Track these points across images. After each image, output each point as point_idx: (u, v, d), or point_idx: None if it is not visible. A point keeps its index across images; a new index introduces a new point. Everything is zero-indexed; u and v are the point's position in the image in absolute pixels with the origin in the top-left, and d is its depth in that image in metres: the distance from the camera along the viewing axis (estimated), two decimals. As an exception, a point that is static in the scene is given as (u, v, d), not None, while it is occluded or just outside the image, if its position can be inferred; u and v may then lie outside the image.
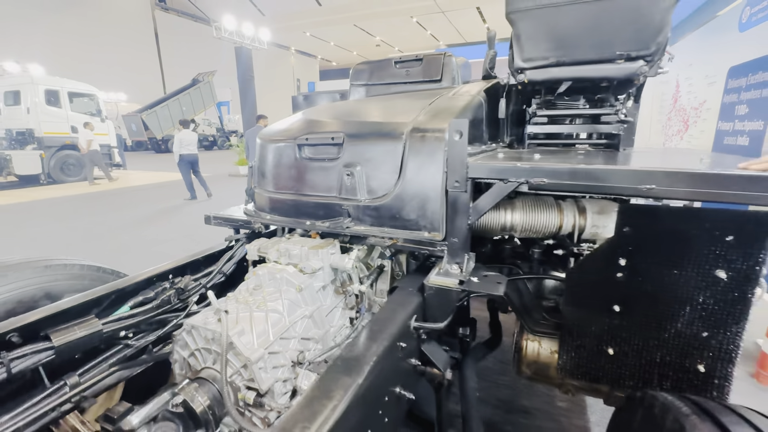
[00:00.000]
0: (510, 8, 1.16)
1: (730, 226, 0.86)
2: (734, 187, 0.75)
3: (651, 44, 1.07)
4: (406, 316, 0.84)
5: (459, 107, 1.06)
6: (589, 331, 1.08)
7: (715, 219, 0.87)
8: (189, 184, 7.14)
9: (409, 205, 1.00)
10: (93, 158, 9.48)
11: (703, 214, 0.86)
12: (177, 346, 0.90)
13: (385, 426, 0.71)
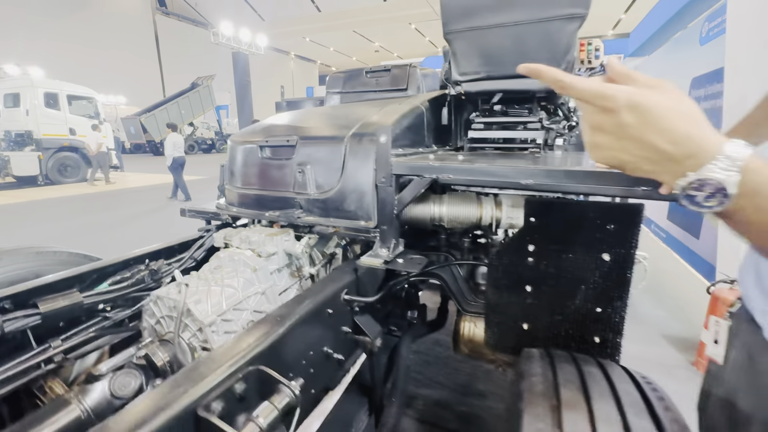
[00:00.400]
0: (446, 29, 1.34)
1: (610, 216, 1.03)
2: (589, 181, 0.92)
3: (562, 62, 1.24)
4: (337, 289, 1.01)
5: (397, 116, 1.23)
6: (507, 309, 1.24)
7: (599, 210, 1.03)
8: (183, 186, 7.37)
9: (349, 198, 1.17)
10: (100, 160, 9.80)
11: (589, 206, 1.02)
12: (145, 315, 1.06)
13: (310, 375, 0.87)
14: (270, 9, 22.68)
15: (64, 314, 1.07)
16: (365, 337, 1.09)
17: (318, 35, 26.53)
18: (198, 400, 0.58)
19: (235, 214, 1.41)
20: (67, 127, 10.20)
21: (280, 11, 22.50)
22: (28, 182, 9.74)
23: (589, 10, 1.17)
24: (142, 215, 6.51)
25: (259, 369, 0.68)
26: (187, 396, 0.58)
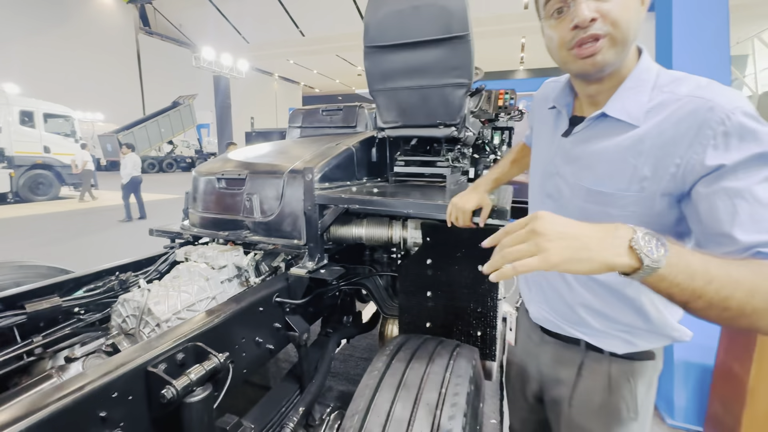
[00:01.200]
0: (370, 88, 1.69)
1: (479, 236, 1.36)
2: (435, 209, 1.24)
3: (456, 117, 1.60)
4: (270, 293, 1.29)
5: (328, 157, 1.56)
6: (414, 310, 1.55)
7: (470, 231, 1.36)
8: (129, 206, 7.51)
9: (286, 221, 1.47)
10: (84, 177, 9.92)
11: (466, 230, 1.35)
12: (114, 314, 1.32)
13: (240, 356, 1.15)
14: (254, 32, 23.26)
15: (46, 315, 1.31)
16: (294, 333, 1.37)
17: (302, 58, 27.25)
18: (148, 361, 0.86)
19: (195, 234, 1.68)
20: (42, 145, 10.18)
21: (265, 34, 23.12)
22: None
23: (472, 80, 1.54)
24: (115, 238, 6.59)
25: (196, 344, 0.95)
26: (140, 358, 0.85)
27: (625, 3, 0.63)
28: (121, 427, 0.79)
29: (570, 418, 0.87)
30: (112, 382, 0.79)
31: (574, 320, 0.83)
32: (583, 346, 0.85)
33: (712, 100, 0.61)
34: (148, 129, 19.59)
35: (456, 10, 1.42)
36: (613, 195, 0.71)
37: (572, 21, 0.64)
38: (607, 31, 0.64)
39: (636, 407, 0.82)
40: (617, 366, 0.82)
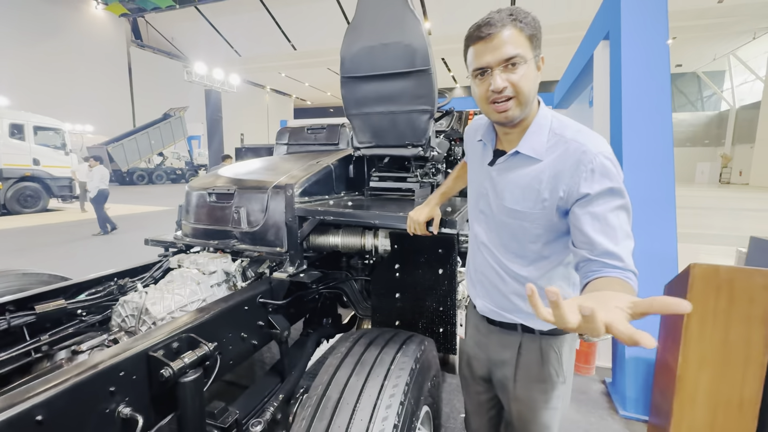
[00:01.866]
0: (346, 112, 1.90)
1: (438, 244, 1.56)
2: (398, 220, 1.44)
3: (422, 138, 1.82)
4: (254, 294, 1.47)
5: (308, 174, 1.75)
6: (385, 310, 1.73)
7: (433, 240, 1.56)
8: (106, 218, 7.44)
9: (269, 231, 1.65)
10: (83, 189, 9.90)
11: (426, 238, 1.54)
12: (114, 315, 1.48)
13: (228, 350, 1.32)
14: (246, 45, 23.63)
15: (52, 316, 1.46)
16: (276, 330, 1.55)
17: (293, 71, 27.66)
18: (149, 347, 1.03)
19: (188, 243, 1.86)
20: (31, 158, 10.20)
21: (257, 48, 23.48)
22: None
23: (434, 108, 1.76)
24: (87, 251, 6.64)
25: (189, 335, 1.13)
26: (143, 345, 1.02)
27: (526, 74, 0.86)
28: (126, 401, 0.96)
29: (516, 391, 1.06)
30: (120, 363, 0.96)
31: (510, 308, 1.03)
32: (519, 330, 1.04)
33: (585, 145, 0.85)
34: (138, 141, 19.61)
35: (419, 47, 1.65)
36: (524, 212, 0.93)
37: (490, 86, 0.86)
38: (513, 94, 0.86)
39: (563, 372, 1.02)
40: (545, 341, 1.02)
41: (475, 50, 0.88)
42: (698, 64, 26.92)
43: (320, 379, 0.99)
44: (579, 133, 0.89)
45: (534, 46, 0.87)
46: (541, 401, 1.03)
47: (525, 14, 0.86)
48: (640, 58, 2.50)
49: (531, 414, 1.04)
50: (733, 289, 1.56)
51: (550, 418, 1.04)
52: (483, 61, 0.86)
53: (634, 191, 2.32)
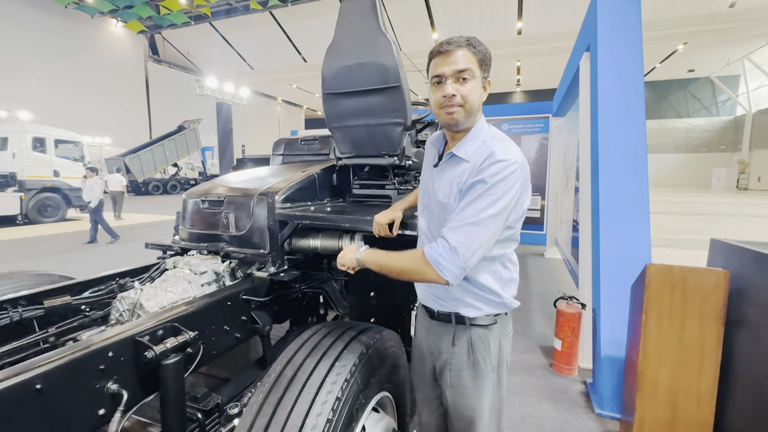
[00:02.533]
0: (328, 126, 2.06)
1: (408, 246, 1.68)
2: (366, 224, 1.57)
3: (397, 149, 1.96)
4: (237, 291, 1.62)
5: (292, 182, 1.91)
6: (362, 308, 1.86)
7: (401, 241, 1.68)
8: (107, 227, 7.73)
9: (254, 235, 1.81)
10: (118, 198, 10.56)
11: (396, 239, 1.67)
12: (113, 309, 1.64)
13: (211, 341, 1.46)
14: (259, 59, 24.34)
15: (58, 311, 1.63)
16: (258, 325, 1.69)
17: (304, 83, 28.30)
18: (137, 333, 1.18)
19: (183, 246, 2.02)
20: (52, 169, 10.70)
21: (268, 61, 24.16)
22: (6, 222, 10.04)
23: (407, 120, 1.90)
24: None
25: (173, 324, 1.28)
26: (131, 331, 1.17)
27: (473, 89, 1.05)
28: (114, 378, 1.11)
29: (450, 379, 1.16)
30: (110, 345, 1.11)
31: (444, 295, 1.15)
32: (454, 322, 1.16)
33: (494, 150, 1.02)
34: (153, 152, 20.29)
35: (391, 66, 1.80)
36: (448, 204, 1.09)
37: (443, 93, 1.04)
38: (461, 103, 1.04)
39: (491, 360, 1.13)
40: (474, 331, 1.13)
41: (434, 62, 1.07)
42: (711, 69, 26.55)
43: (281, 359, 1.13)
44: (500, 143, 1.05)
45: (483, 69, 1.06)
46: (471, 387, 1.13)
47: (479, 42, 1.06)
48: (615, 69, 2.62)
49: (463, 399, 1.14)
50: (686, 288, 1.65)
51: (480, 403, 1.13)
52: (440, 70, 1.04)
53: (609, 196, 2.42)
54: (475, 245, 0.97)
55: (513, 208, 1.04)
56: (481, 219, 0.97)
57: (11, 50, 17.62)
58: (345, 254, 1.21)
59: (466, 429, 1.15)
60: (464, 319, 1.13)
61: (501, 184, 0.98)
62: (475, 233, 0.97)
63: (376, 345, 1.24)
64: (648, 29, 17.57)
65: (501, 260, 1.12)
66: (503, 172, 0.98)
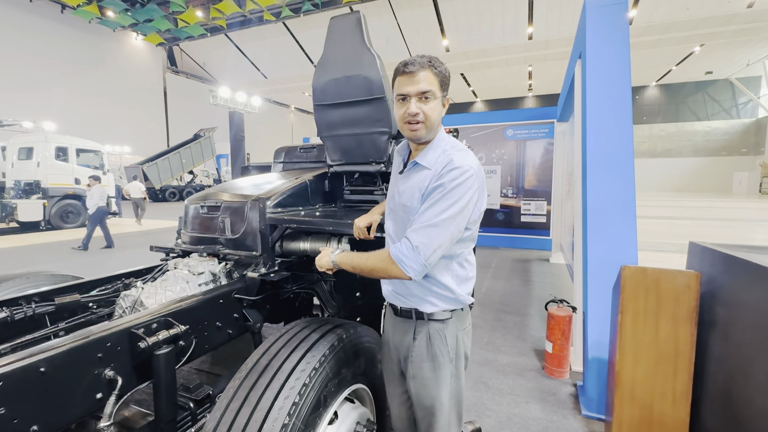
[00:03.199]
0: (319, 135, 2.18)
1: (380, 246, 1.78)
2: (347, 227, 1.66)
3: (383, 156, 2.06)
4: (230, 290, 1.74)
5: (284, 189, 2.03)
6: (348, 308, 1.96)
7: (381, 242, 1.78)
8: (107, 234, 7.98)
9: (248, 237, 1.93)
10: (140, 204, 11.23)
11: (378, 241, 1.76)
12: (117, 307, 1.78)
13: (204, 336, 1.58)
14: (272, 68, 24.89)
15: (68, 307, 1.78)
16: (249, 323, 1.81)
17: (315, 91, 28.80)
18: (132, 326, 1.30)
19: (184, 249, 2.16)
20: (73, 177, 11.17)
21: (281, 70, 24.69)
22: (30, 227, 10.52)
23: (392, 129, 2.00)
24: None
25: (166, 318, 1.40)
26: (127, 323, 1.30)
27: (434, 107, 1.14)
28: (111, 366, 1.23)
29: (412, 370, 1.24)
30: (107, 335, 1.23)
31: (405, 292, 1.24)
32: (414, 317, 1.24)
33: (452, 158, 1.11)
34: (170, 160, 20.90)
35: (375, 79, 1.91)
36: (410, 207, 1.18)
37: (408, 110, 1.13)
38: (423, 120, 1.13)
39: (449, 352, 1.21)
40: (432, 325, 1.21)
41: (399, 80, 1.15)
42: (731, 71, 25.92)
43: (258, 350, 1.23)
44: (458, 152, 1.15)
45: (442, 89, 1.16)
46: (431, 378, 1.21)
47: (440, 63, 1.15)
48: (603, 77, 2.67)
49: (424, 390, 1.22)
50: (660, 289, 1.69)
51: (440, 393, 1.21)
52: (404, 90, 1.13)
53: (596, 200, 2.47)
54: (435, 245, 1.06)
55: (471, 211, 1.13)
56: (439, 221, 1.06)
57: (38, 64, 18.52)
58: (322, 257, 1.31)
59: (427, 417, 1.23)
60: (423, 314, 1.22)
61: (458, 188, 1.07)
62: (435, 234, 1.06)
63: (350, 339, 1.33)
64: (663, 32, 17.36)
65: (458, 259, 1.20)
66: (460, 177, 1.08)
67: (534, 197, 7.38)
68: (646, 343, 1.73)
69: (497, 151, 7.60)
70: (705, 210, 14.42)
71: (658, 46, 19.22)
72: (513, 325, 3.71)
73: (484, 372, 2.79)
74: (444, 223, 1.06)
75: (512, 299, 4.52)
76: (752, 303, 1.34)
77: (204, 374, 2.47)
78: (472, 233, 1.21)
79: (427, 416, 1.23)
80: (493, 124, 7.62)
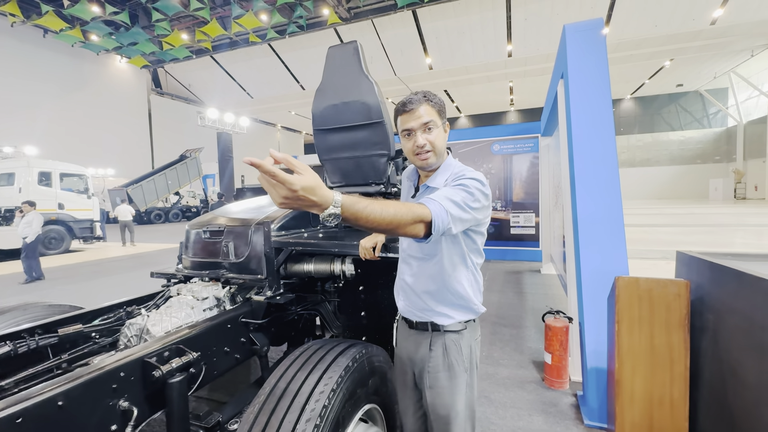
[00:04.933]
0: (319, 158, 2.24)
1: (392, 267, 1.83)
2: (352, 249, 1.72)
3: (383, 177, 2.13)
4: (237, 314, 1.75)
5: (286, 211, 2.07)
6: (353, 328, 1.98)
7: (386, 263, 1.83)
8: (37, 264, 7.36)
9: (252, 261, 1.95)
10: (129, 227, 11.29)
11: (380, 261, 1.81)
12: (122, 336, 1.77)
13: (213, 362, 1.58)
14: (258, 88, 25.06)
15: (71, 338, 1.76)
16: (256, 346, 1.82)
17: (302, 109, 29.03)
18: (145, 354, 1.31)
19: (186, 274, 2.17)
20: (57, 202, 10.94)
21: (268, 90, 24.88)
22: (11, 255, 10.19)
23: (391, 151, 2.08)
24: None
25: (179, 346, 1.41)
26: (140, 353, 1.30)
27: (438, 135, 1.26)
28: (125, 396, 1.23)
29: (429, 380, 1.29)
30: (121, 366, 1.24)
31: (422, 306, 1.30)
32: (430, 329, 1.30)
33: (464, 170, 1.25)
34: (156, 182, 20.66)
35: (373, 104, 1.99)
36: None
37: (415, 143, 1.24)
38: (431, 149, 1.25)
39: (464, 362, 1.28)
40: (448, 336, 1.28)
41: (401, 119, 1.27)
42: (699, 83, 27.22)
43: (275, 374, 1.25)
44: (465, 169, 1.28)
45: (441, 117, 1.28)
46: (447, 387, 1.27)
47: (434, 95, 1.28)
48: (585, 96, 2.82)
49: (440, 399, 1.27)
50: (652, 298, 1.77)
51: (455, 402, 1.26)
52: (408, 125, 1.24)
53: (586, 212, 2.58)
54: (460, 218, 1.08)
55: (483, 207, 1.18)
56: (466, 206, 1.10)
57: (19, 87, 18.28)
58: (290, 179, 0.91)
59: (443, 427, 1.27)
60: (439, 326, 1.29)
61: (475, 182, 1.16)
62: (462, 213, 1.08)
63: (362, 359, 1.36)
64: (635, 48, 18.21)
65: (474, 270, 1.30)
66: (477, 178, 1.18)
67: (522, 209, 7.55)
68: (643, 350, 1.80)
69: (485, 166, 7.78)
70: (686, 216, 14.89)
71: (630, 61, 20.13)
72: (510, 338, 3.76)
73: (486, 386, 2.82)
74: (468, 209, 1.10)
75: (507, 311, 4.57)
76: (738, 308, 1.42)
77: (204, 401, 2.43)
78: (483, 241, 1.32)
79: (444, 426, 1.27)
80: (479, 139, 7.83)
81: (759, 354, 1.31)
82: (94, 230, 11.71)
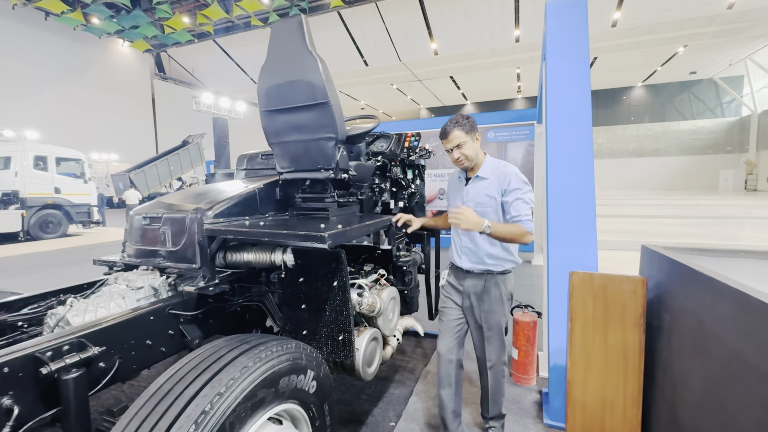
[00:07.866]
0: (268, 142, 2.12)
1: (332, 260, 1.72)
2: (292, 237, 1.61)
3: (332, 163, 2.00)
4: (162, 306, 1.66)
5: (231, 196, 1.96)
6: (294, 322, 1.88)
7: (325, 255, 1.72)
8: None
9: (188, 250, 1.85)
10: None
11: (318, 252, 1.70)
12: (45, 325, 1.69)
13: (130, 356, 1.50)
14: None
15: (-6, 327, 1.69)
16: (187, 338, 1.73)
17: (304, 96, 28.69)
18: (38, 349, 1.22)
19: (127, 262, 2.08)
20: (53, 186, 10.97)
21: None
22: (8, 238, 10.29)
23: (339, 135, 1.95)
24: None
25: (79, 340, 1.32)
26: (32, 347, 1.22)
27: (468, 148, 1.91)
28: (9, 394, 1.15)
29: (484, 306, 1.95)
30: (7, 362, 1.15)
31: (481, 264, 1.95)
32: (484, 274, 1.96)
33: (507, 168, 1.94)
34: (158, 167, 20.65)
35: (318, 83, 1.86)
36: (484, 203, 1.92)
37: (454, 158, 1.94)
38: (465, 159, 1.93)
39: (503, 296, 1.94)
40: (499, 277, 1.95)
41: (443, 143, 1.94)
42: (714, 71, 26.29)
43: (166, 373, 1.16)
44: (504, 165, 1.97)
45: (470, 134, 1.90)
46: (498, 311, 1.94)
47: (463, 119, 1.91)
48: (563, 78, 2.64)
49: (492, 315, 1.93)
50: (607, 295, 1.64)
51: (501, 318, 1.95)
52: (447, 147, 1.94)
53: (556, 203, 2.43)
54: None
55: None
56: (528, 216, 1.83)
57: (20, 71, 18.26)
58: (470, 218, 1.72)
59: (495, 334, 1.95)
60: (492, 272, 1.94)
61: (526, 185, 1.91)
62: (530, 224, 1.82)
63: (270, 359, 1.26)
64: (647, 33, 17.55)
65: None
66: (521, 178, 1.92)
67: (516, 199, 7.36)
68: (596, 350, 1.68)
69: (479, 154, 7.59)
70: (692, 208, 14.53)
71: (642, 47, 19.46)
72: (486, 331, 3.65)
73: (451, 380, 2.72)
74: (531, 211, 1.86)
75: (489, 303, 4.46)
76: (689, 308, 1.29)
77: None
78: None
79: (496, 333, 1.94)
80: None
81: (704, 357, 1.19)
82: (92, 215, 11.76)
